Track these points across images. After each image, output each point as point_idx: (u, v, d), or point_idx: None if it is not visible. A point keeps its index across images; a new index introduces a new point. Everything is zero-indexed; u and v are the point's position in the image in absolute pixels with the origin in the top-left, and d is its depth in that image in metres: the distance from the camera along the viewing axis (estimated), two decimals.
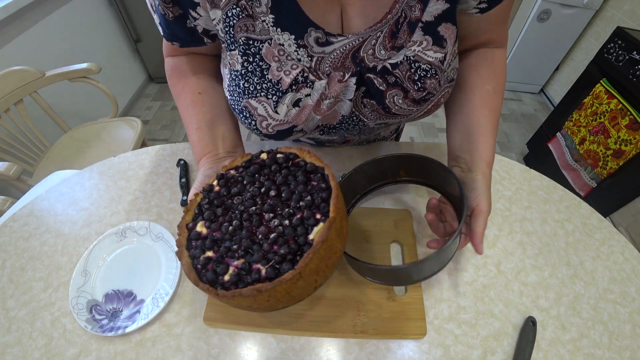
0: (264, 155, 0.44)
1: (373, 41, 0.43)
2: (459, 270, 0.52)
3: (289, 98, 0.44)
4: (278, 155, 0.43)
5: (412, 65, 0.43)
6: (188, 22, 0.43)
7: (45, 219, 0.60)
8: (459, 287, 0.51)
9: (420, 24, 0.42)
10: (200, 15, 0.42)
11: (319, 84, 0.44)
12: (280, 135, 0.48)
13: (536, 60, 2.28)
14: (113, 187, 0.65)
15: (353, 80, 0.44)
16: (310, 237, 0.35)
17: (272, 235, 0.35)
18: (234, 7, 0.40)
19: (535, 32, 2.12)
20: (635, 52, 1.26)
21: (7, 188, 1.39)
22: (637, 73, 1.23)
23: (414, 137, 2.17)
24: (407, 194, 0.62)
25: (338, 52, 0.43)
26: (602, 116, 1.36)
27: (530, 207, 0.61)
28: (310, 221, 0.36)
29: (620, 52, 1.33)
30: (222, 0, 0.40)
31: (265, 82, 0.43)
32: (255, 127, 0.47)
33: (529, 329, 0.46)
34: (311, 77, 0.44)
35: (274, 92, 0.44)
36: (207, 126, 0.51)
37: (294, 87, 0.44)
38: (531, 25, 2.10)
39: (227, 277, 0.34)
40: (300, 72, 0.43)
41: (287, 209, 0.37)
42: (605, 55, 1.39)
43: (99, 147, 1.35)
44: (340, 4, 0.42)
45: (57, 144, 1.37)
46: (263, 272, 0.34)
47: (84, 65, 1.31)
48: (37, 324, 0.47)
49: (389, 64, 0.43)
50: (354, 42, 0.42)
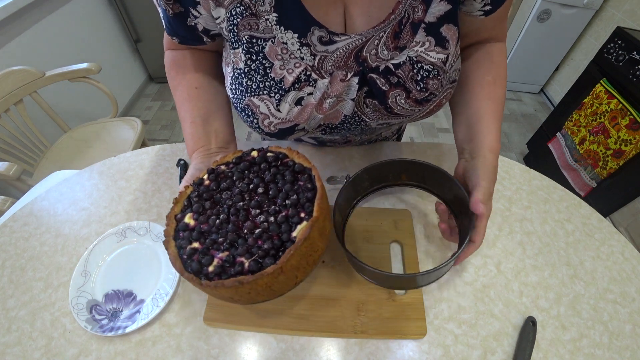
0: (254, 153, 0.45)
1: (376, 41, 0.43)
2: (459, 270, 0.52)
3: (291, 96, 0.44)
4: (268, 154, 0.44)
5: (415, 65, 0.43)
6: (188, 20, 0.43)
7: (45, 219, 0.60)
8: (459, 287, 0.51)
9: (423, 25, 0.42)
10: (201, 14, 0.42)
11: (322, 83, 0.44)
12: (282, 133, 0.48)
13: (536, 60, 2.28)
14: (113, 187, 0.65)
15: (355, 79, 0.44)
16: (294, 234, 0.36)
17: (257, 231, 0.37)
18: (238, 5, 0.40)
19: (535, 32, 2.12)
20: (635, 52, 1.26)
21: (7, 188, 1.39)
22: (637, 73, 1.23)
23: (414, 137, 2.17)
24: (407, 194, 0.62)
25: (341, 51, 0.43)
26: (602, 116, 1.36)
27: (530, 207, 0.61)
28: (295, 219, 0.37)
29: (620, 52, 1.33)
30: None
31: (268, 80, 0.44)
32: (257, 125, 0.47)
33: (529, 329, 0.46)
34: (314, 75, 0.44)
35: (276, 90, 0.44)
36: (201, 121, 0.52)
37: (296, 86, 0.44)
38: (531, 25, 2.10)
39: (211, 268, 0.36)
40: (303, 70, 0.43)
41: (273, 206, 0.39)
42: (605, 55, 1.39)
43: (99, 147, 1.35)
44: (344, 3, 0.42)
45: (57, 144, 1.37)
46: (246, 265, 0.35)
47: (84, 65, 1.31)
48: (37, 324, 0.47)
49: (392, 64, 0.44)
50: (357, 42, 0.43)
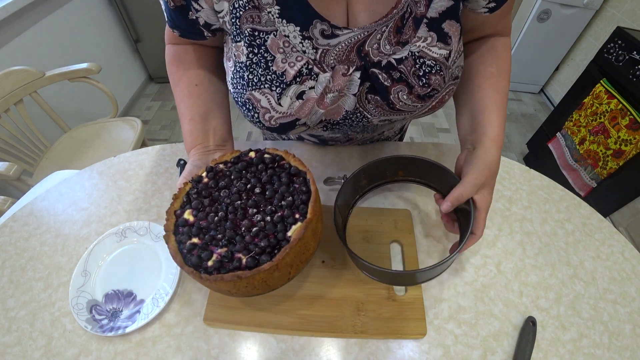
0: (252, 154, 0.47)
1: (378, 35, 0.43)
2: (459, 270, 0.52)
3: (292, 90, 0.44)
4: (265, 156, 0.46)
5: (417, 61, 0.43)
6: (190, 13, 0.43)
7: (45, 219, 0.60)
8: (459, 287, 0.51)
9: (425, 20, 0.42)
10: (202, 8, 0.42)
11: (323, 77, 0.44)
12: (282, 128, 0.48)
13: (536, 60, 2.28)
14: (113, 187, 0.65)
15: (357, 74, 0.44)
16: (289, 234, 0.39)
17: (254, 229, 0.39)
18: None
19: (535, 32, 2.12)
20: (635, 52, 1.26)
21: (7, 188, 1.39)
22: (637, 73, 1.23)
23: (414, 137, 2.17)
24: (407, 193, 0.62)
25: (343, 45, 0.43)
26: (602, 116, 1.36)
27: (530, 207, 0.61)
28: (290, 220, 0.39)
29: (620, 52, 1.33)
30: None
31: (270, 73, 0.44)
32: (258, 119, 0.47)
33: (529, 329, 0.46)
34: (316, 69, 0.44)
35: (278, 83, 0.44)
36: (200, 118, 0.52)
37: (298, 79, 0.44)
38: (531, 25, 2.10)
39: (210, 263, 0.38)
40: (304, 64, 0.43)
41: (270, 206, 0.41)
42: (605, 55, 1.39)
43: (99, 147, 1.35)
44: None
45: (57, 144, 1.37)
46: (244, 261, 0.37)
47: (84, 65, 1.31)
48: (37, 324, 0.47)
49: (394, 59, 0.44)
50: (359, 36, 0.43)
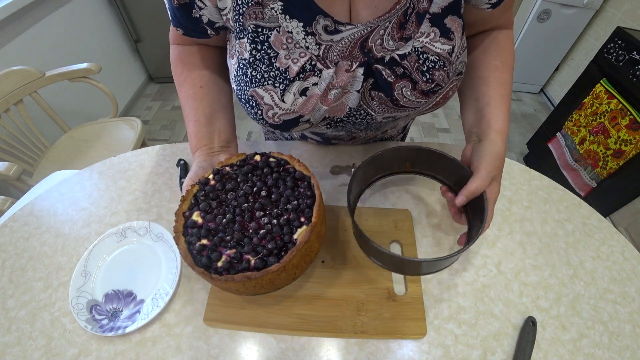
0: (257, 157, 0.48)
1: (381, 31, 0.43)
2: (459, 270, 0.52)
3: (296, 86, 0.44)
4: (270, 159, 0.47)
5: (420, 56, 0.43)
6: (193, 11, 0.43)
7: (45, 219, 0.60)
8: (459, 287, 0.51)
9: (427, 16, 0.42)
10: (206, 5, 0.42)
11: (327, 73, 0.44)
12: (286, 125, 0.48)
13: (536, 60, 2.28)
14: (113, 187, 0.65)
15: (361, 70, 0.44)
16: (295, 236, 0.40)
17: (262, 232, 0.41)
18: None
19: (535, 32, 2.12)
20: (635, 52, 1.26)
21: (7, 188, 1.39)
22: (637, 73, 1.23)
23: (414, 137, 2.17)
24: (407, 193, 0.62)
25: (346, 40, 0.43)
26: (602, 116, 1.36)
27: (530, 207, 0.61)
28: (295, 223, 0.41)
29: (620, 52, 1.32)
30: None
31: (273, 70, 0.44)
32: (261, 116, 0.47)
33: (529, 329, 0.46)
34: (319, 65, 0.44)
35: (281, 80, 0.44)
36: (205, 120, 0.53)
37: (301, 76, 0.44)
38: (531, 25, 2.10)
39: (220, 264, 0.39)
40: (308, 60, 0.43)
41: (276, 210, 0.43)
42: (605, 55, 1.39)
43: (99, 147, 1.35)
44: None
45: (57, 144, 1.37)
46: (252, 262, 0.39)
47: (84, 65, 1.31)
48: (37, 324, 0.47)
49: (397, 54, 0.44)
50: (362, 32, 0.43)
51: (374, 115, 0.50)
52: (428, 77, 0.44)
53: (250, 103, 0.47)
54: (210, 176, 0.47)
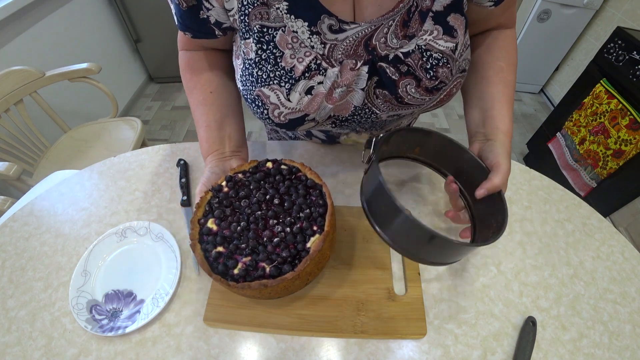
0: (269, 164, 0.49)
1: (385, 29, 0.43)
2: (459, 270, 0.52)
3: (301, 85, 0.45)
4: (282, 167, 0.48)
5: (424, 54, 0.44)
6: (201, 12, 0.44)
7: (45, 219, 0.60)
8: (459, 287, 0.51)
9: (430, 14, 0.42)
10: (213, 6, 0.43)
11: (332, 72, 0.44)
12: (291, 124, 0.48)
13: (536, 60, 2.28)
14: (113, 187, 0.65)
15: (365, 68, 0.45)
16: (308, 245, 0.41)
17: (276, 240, 0.42)
18: None
19: (535, 32, 2.12)
20: (635, 52, 1.26)
21: (7, 188, 1.39)
22: (637, 73, 1.23)
23: None
24: (407, 194, 0.62)
25: (351, 39, 0.43)
26: (602, 116, 1.36)
27: (530, 207, 0.61)
28: (308, 231, 0.42)
29: (620, 52, 1.32)
30: None
31: (279, 69, 0.44)
32: (267, 116, 0.48)
33: (529, 329, 0.46)
34: (324, 64, 0.44)
35: (287, 79, 0.44)
36: (216, 125, 0.54)
37: (306, 75, 0.44)
38: (531, 25, 2.10)
39: (236, 271, 0.40)
40: (313, 59, 0.44)
41: (289, 218, 0.43)
42: (605, 55, 1.39)
43: (99, 147, 1.35)
44: None
45: (57, 144, 1.37)
46: (267, 270, 0.40)
47: (84, 65, 1.31)
48: (37, 324, 0.47)
49: (401, 52, 0.44)
50: (366, 30, 0.43)
51: (379, 113, 0.50)
52: (432, 74, 0.44)
53: (256, 102, 0.47)
54: (223, 183, 0.48)
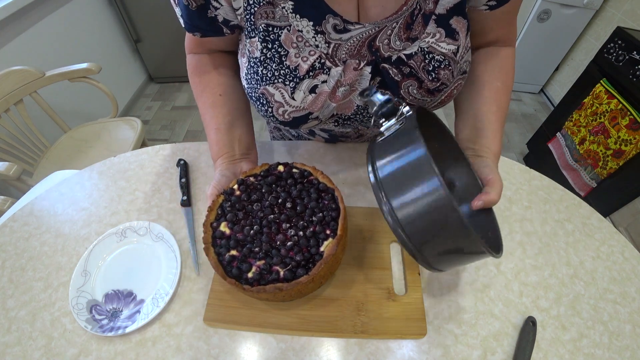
0: (280, 168, 0.49)
1: (389, 31, 0.43)
2: (459, 270, 0.52)
3: (305, 84, 0.45)
4: (294, 170, 0.49)
5: (426, 56, 0.44)
6: (209, 11, 0.44)
7: (45, 219, 0.60)
8: (459, 287, 0.51)
9: (433, 17, 0.43)
10: (221, 5, 0.43)
11: (335, 71, 0.45)
12: (295, 122, 0.49)
13: (536, 60, 2.28)
14: (113, 187, 0.65)
15: (368, 69, 0.45)
16: (321, 249, 0.41)
17: (289, 244, 0.42)
18: None
19: (535, 32, 2.12)
20: (635, 52, 1.26)
21: (7, 188, 1.39)
22: (637, 73, 1.23)
23: None
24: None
25: (355, 39, 0.44)
26: (602, 116, 1.36)
27: (530, 207, 0.61)
28: (321, 235, 0.42)
29: (620, 52, 1.32)
30: None
31: (283, 68, 0.45)
32: (271, 114, 0.48)
33: (529, 329, 0.46)
34: (328, 63, 0.45)
35: (291, 78, 0.45)
36: (225, 128, 0.54)
37: (311, 74, 0.45)
38: (531, 25, 2.10)
39: (250, 275, 0.41)
40: (317, 58, 0.44)
41: (302, 222, 0.43)
42: (605, 55, 1.39)
43: (99, 147, 1.35)
44: None
45: (57, 144, 1.37)
46: (281, 273, 0.40)
47: (84, 65, 1.31)
48: (37, 324, 0.47)
49: (404, 54, 0.45)
50: (370, 31, 0.43)
51: None
52: (434, 76, 0.45)
53: (261, 101, 0.47)
54: (235, 186, 0.48)
